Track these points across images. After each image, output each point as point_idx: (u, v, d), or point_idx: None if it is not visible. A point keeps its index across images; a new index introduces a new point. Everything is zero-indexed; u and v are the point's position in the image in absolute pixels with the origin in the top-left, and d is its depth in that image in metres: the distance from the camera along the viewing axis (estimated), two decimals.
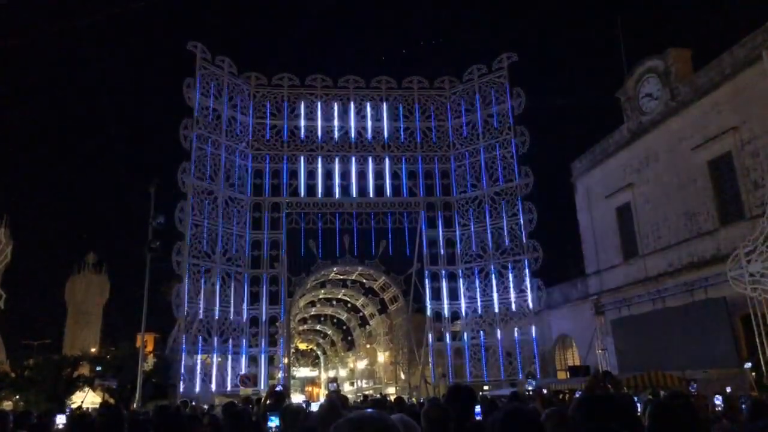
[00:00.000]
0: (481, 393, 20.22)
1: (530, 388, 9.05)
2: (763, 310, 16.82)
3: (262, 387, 28.15)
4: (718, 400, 7.39)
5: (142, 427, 5.88)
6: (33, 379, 26.58)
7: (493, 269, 31.42)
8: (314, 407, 8.29)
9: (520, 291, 30.73)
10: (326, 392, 16.12)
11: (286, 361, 31.67)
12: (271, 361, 31.04)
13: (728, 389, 11.86)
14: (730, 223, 20.91)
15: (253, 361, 30.57)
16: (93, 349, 36.86)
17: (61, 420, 6.11)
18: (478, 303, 31.61)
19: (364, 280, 37.44)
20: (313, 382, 66.19)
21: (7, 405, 27.57)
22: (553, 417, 3.72)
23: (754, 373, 16.38)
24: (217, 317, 28.99)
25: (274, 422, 4.77)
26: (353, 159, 33.01)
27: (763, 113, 19.47)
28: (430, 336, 31.79)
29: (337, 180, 32.73)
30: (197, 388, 27.38)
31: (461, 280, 32.12)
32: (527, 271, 30.61)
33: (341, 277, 36.90)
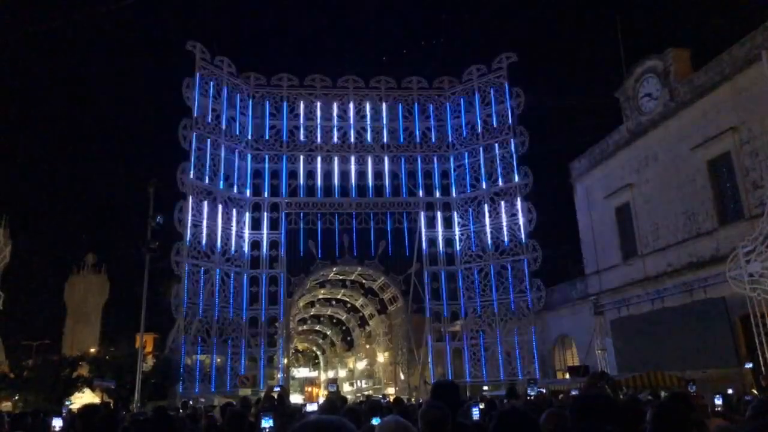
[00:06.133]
0: (480, 393, 20.20)
1: (532, 393, 9.07)
2: (762, 310, 16.80)
3: (262, 387, 28.15)
4: (718, 400, 7.36)
5: (139, 428, 5.87)
6: (32, 380, 26.50)
7: (493, 269, 31.41)
8: (310, 408, 8.31)
9: (520, 291, 30.73)
10: (326, 393, 16.21)
11: (285, 361, 31.65)
12: (270, 361, 31.03)
13: (730, 390, 11.81)
14: (729, 223, 20.87)
15: (252, 361, 30.56)
16: (92, 350, 36.79)
17: (57, 423, 6.07)
18: (478, 303, 31.61)
19: (364, 281, 37.41)
20: (312, 382, 66.12)
21: (6, 405, 27.54)
22: (552, 417, 3.71)
23: (759, 378, 16.32)
24: (216, 317, 28.97)
25: (267, 423, 4.76)
26: (352, 159, 33.00)
27: (763, 113, 19.44)
28: (429, 336, 31.78)
29: (336, 180, 32.74)
30: (196, 389, 27.38)
31: (460, 280, 32.12)
32: (526, 271, 30.62)
33: (341, 277, 36.88)
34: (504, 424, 3.26)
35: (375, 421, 5.20)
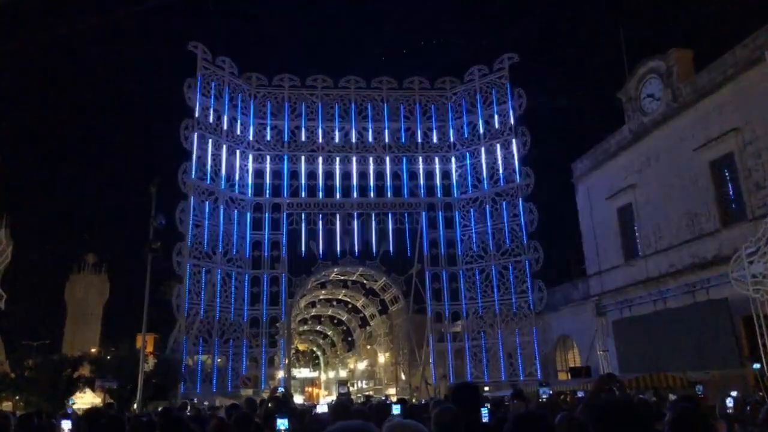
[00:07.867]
0: (482, 393, 20.20)
1: (545, 396, 9.05)
2: (765, 311, 16.75)
3: (263, 388, 28.13)
4: (730, 402, 7.30)
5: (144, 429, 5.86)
6: (33, 380, 26.46)
7: (494, 270, 31.39)
8: (320, 409, 8.34)
9: (521, 292, 30.70)
10: (337, 394, 16.60)
11: (286, 361, 31.63)
12: (271, 361, 31.00)
13: (734, 393, 11.76)
14: (731, 224, 20.85)
15: (253, 361, 30.54)
16: (93, 350, 36.78)
17: (66, 425, 6.05)
18: (479, 304, 31.58)
19: (365, 281, 37.40)
20: (313, 383, 66.10)
21: (7, 405, 27.52)
22: (567, 421, 3.69)
23: (764, 380, 16.25)
24: (217, 318, 28.96)
25: (283, 424, 4.74)
26: (354, 159, 32.98)
27: (765, 114, 19.41)
28: (430, 337, 31.75)
29: (337, 180, 32.72)
30: (198, 389, 27.35)
31: (462, 280, 32.09)
32: (528, 271, 30.59)
33: (342, 277, 36.86)
34: (521, 427, 3.24)
35: (396, 409, 5.21)
